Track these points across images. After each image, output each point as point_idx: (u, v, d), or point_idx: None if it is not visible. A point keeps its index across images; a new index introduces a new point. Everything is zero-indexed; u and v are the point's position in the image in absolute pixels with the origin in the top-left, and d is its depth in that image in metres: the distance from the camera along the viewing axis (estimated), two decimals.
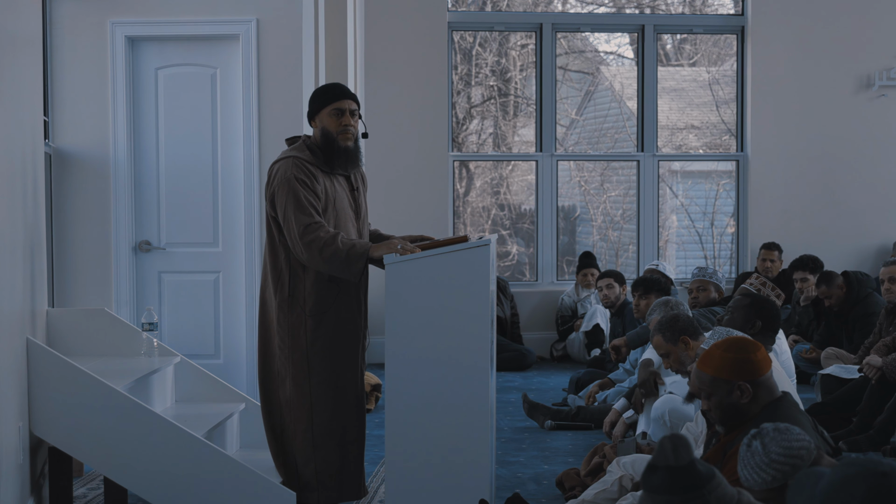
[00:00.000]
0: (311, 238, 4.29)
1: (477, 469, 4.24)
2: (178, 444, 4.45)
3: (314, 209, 4.36)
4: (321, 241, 4.28)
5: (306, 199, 4.36)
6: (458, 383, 4.22)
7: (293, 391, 4.46)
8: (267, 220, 4.51)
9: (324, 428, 4.46)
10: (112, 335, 5.27)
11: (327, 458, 4.48)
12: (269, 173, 4.52)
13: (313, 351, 4.44)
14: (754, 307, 5.26)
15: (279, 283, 4.46)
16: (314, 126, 4.55)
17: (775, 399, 3.57)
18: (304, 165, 4.43)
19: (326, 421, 4.47)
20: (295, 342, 4.44)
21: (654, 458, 2.53)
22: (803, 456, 2.86)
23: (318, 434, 4.46)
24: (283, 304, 4.45)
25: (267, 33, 6.66)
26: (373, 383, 7.28)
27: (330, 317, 4.45)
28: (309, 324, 4.43)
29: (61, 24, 6.65)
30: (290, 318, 4.44)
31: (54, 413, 4.53)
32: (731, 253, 10.39)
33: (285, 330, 4.45)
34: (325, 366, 4.46)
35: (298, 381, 4.45)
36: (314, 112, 4.54)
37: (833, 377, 6.69)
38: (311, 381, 4.45)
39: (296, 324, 4.44)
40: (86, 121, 6.67)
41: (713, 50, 10.83)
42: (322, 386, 4.45)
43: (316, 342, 4.44)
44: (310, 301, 4.43)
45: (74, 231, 6.67)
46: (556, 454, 6.00)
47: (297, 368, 4.45)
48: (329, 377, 4.47)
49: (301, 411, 4.46)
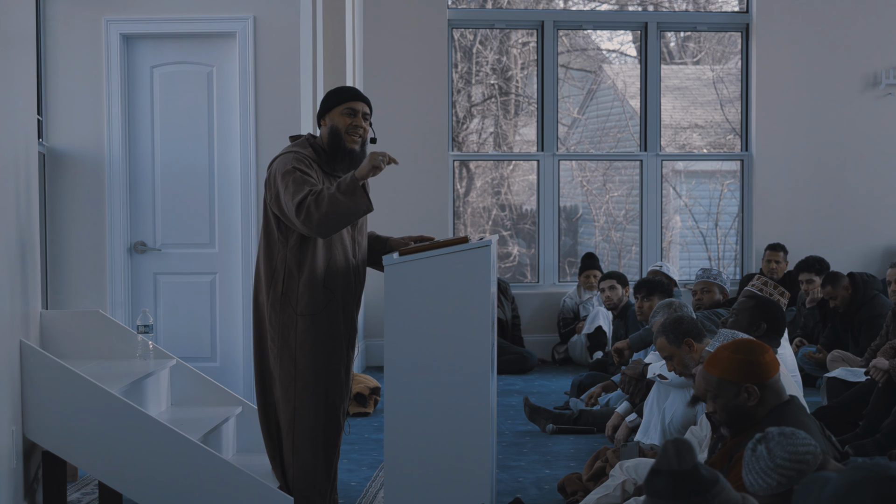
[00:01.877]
0: (305, 207, 4.22)
1: (477, 473, 4.24)
2: (174, 449, 4.45)
3: (308, 186, 4.30)
4: (312, 202, 4.21)
5: (302, 182, 4.29)
6: (458, 386, 4.22)
7: (280, 392, 4.46)
8: (265, 214, 4.47)
9: (305, 434, 4.44)
10: (107, 338, 5.26)
11: (305, 464, 4.46)
12: (268, 168, 4.50)
13: (301, 353, 4.42)
14: (759, 309, 5.26)
15: (272, 282, 4.44)
16: (323, 125, 4.54)
17: (782, 403, 3.56)
18: (304, 159, 4.41)
19: (309, 427, 4.44)
20: (284, 342, 4.43)
21: (657, 462, 2.52)
22: (809, 461, 2.85)
23: (298, 439, 4.45)
24: (276, 303, 4.43)
25: (264, 31, 6.66)
26: (372, 386, 7.27)
27: (321, 320, 4.43)
28: (299, 324, 4.41)
29: (55, 22, 6.64)
30: (281, 317, 4.43)
31: (48, 417, 4.53)
32: (735, 254, 10.39)
33: (276, 329, 4.44)
34: (311, 370, 4.43)
35: (285, 384, 4.45)
36: (325, 110, 4.53)
37: (839, 380, 6.68)
38: (297, 384, 4.43)
39: (287, 323, 4.42)
40: (80, 120, 6.67)
41: (717, 48, 10.83)
42: (306, 391, 4.43)
43: (304, 344, 4.42)
44: (302, 301, 4.41)
45: (68, 232, 6.66)
46: (558, 458, 5.99)
47: (284, 371, 4.44)
48: (313, 382, 4.44)
49: (285, 414, 4.46)
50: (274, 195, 4.38)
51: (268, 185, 4.44)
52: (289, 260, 4.42)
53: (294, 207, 4.25)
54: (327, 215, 4.21)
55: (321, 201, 4.21)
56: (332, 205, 4.21)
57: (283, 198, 4.32)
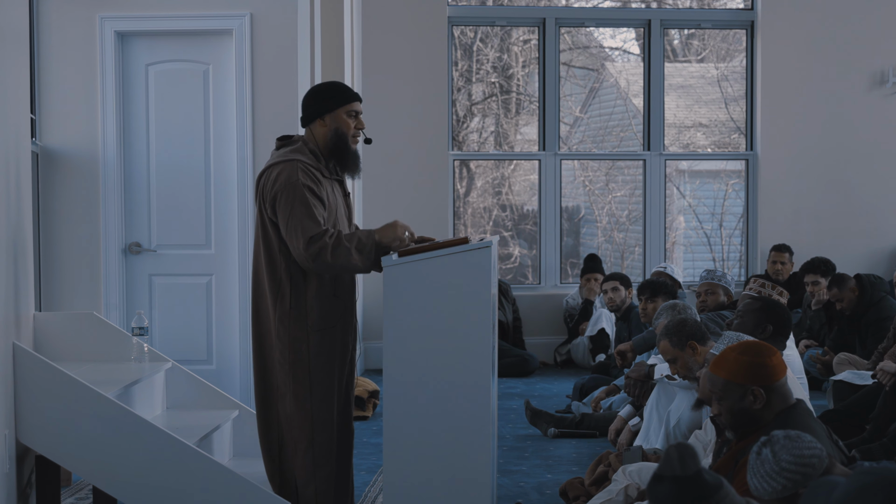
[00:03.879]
0: (318, 246, 4.18)
1: (478, 478, 4.23)
2: (169, 453, 4.44)
3: (320, 217, 4.26)
4: (328, 246, 4.18)
5: (313, 206, 4.25)
6: (458, 390, 4.21)
7: (294, 407, 4.37)
8: (264, 225, 4.36)
9: (325, 447, 4.40)
10: (101, 340, 5.25)
11: (328, 477, 4.43)
12: (265, 175, 4.36)
13: (316, 366, 4.36)
14: (765, 311, 5.25)
15: (279, 296, 4.34)
16: (322, 126, 4.42)
17: (789, 406, 3.56)
18: (310, 170, 4.32)
19: (327, 440, 4.41)
20: (296, 357, 4.35)
21: (660, 467, 2.52)
22: (815, 464, 2.85)
23: (318, 454, 4.39)
24: (284, 318, 4.34)
25: (261, 28, 6.66)
26: (370, 389, 7.27)
27: (336, 332, 4.40)
28: (313, 339, 4.34)
29: (48, 19, 6.64)
30: (291, 332, 4.34)
31: (41, 420, 4.52)
32: (740, 255, 10.39)
33: (285, 344, 4.35)
34: (327, 382, 4.39)
35: (300, 397, 4.36)
36: (326, 110, 4.41)
37: (846, 383, 6.68)
38: (313, 398, 4.37)
39: (298, 338, 4.34)
40: (74, 118, 6.67)
41: (722, 45, 10.83)
42: (324, 403, 4.38)
43: (319, 357, 4.36)
44: (312, 315, 4.34)
45: (62, 232, 6.66)
46: (560, 463, 5.99)
47: (299, 384, 4.36)
48: (329, 393, 4.40)
49: (302, 430, 4.38)
50: (286, 214, 4.25)
51: (264, 194, 4.32)
52: (293, 271, 4.33)
53: (305, 241, 4.20)
54: (334, 265, 4.22)
55: (338, 252, 4.20)
56: (345, 259, 4.21)
57: (290, 221, 4.24)
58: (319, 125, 4.44)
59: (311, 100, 4.48)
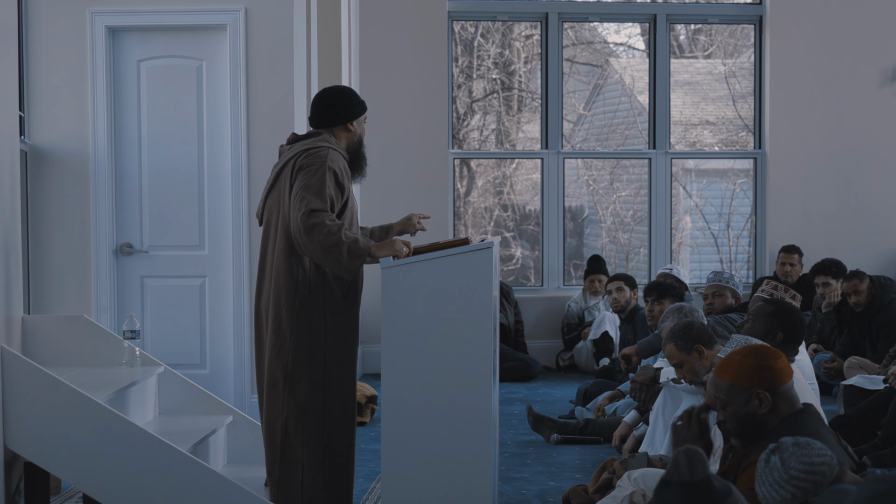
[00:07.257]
0: (316, 221, 4.24)
1: (478, 485, 4.24)
2: (162, 460, 4.45)
3: (330, 203, 4.34)
4: (326, 227, 4.24)
5: (329, 189, 4.35)
6: (458, 394, 4.22)
7: (310, 393, 4.44)
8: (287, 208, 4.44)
9: (334, 439, 4.49)
10: (91, 343, 5.26)
11: (338, 469, 4.49)
12: (302, 150, 4.44)
13: (331, 353, 4.47)
14: (777, 317, 5.20)
15: (298, 280, 4.42)
16: (348, 130, 4.59)
17: (796, 411, 3.56)
18: (345, 165, 4.51)
19: (338, 431, 4.50)
20: (312, 343, 4.44)
21: (667, 473, 2.52)
22: (825, 472, 2.85)
23: (327, 444, 4.48)
24: (304, 301, 4.42)
25: (256, 23, 6.66)
26: (368, 394, 7.27)
27: (351, 319, 4.51)
28: (329, 322, 4.45)
29: (37, 14, 6.65)
30: (309, 316, 4.43)
31: (30, 426, 4.53)
32: (748, 256, 10.39)
33: (303, 327, 4.43)
34: (339, 371, 4.49)
35: (316, 382, 4.45)
36: (354, 116, 4.60)
37: (856, 388, 6.68)
38: (326, 384, 4.47)
39: (314, 323, 4.44)
40: (64, 116, 6.67)
41: (729, 41, 10.83)
42: (335, 390, 4.48)
43: (334, 342, 4.47)
44: (332, 299, 4.45)
45: (52, 233, 6.66)
46: (563, 470, 5.99)
47: (315, 369, 4.44)
48: (341, 383, 4.50)
49: (315, 416, 4.45)
50: (301, 182, 4.33)
51: (295, 167, 4.41)
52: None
53: (307, 211, 4.25)
54: (320, 249, 4.24)
55: (331, 238, 4.22)
56: (334, 251, 4.23)
57: (301, 190, 4.31)
58: (344, 129, 4.60)
59: (337, 103, 4.59)
